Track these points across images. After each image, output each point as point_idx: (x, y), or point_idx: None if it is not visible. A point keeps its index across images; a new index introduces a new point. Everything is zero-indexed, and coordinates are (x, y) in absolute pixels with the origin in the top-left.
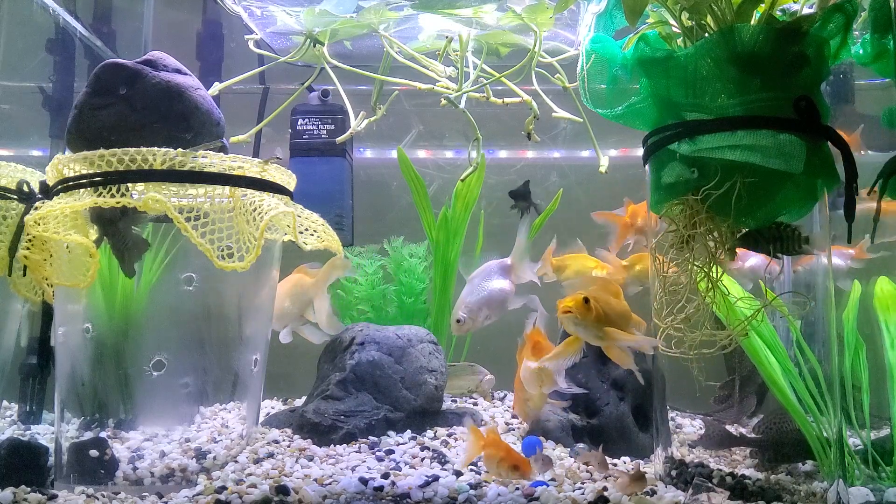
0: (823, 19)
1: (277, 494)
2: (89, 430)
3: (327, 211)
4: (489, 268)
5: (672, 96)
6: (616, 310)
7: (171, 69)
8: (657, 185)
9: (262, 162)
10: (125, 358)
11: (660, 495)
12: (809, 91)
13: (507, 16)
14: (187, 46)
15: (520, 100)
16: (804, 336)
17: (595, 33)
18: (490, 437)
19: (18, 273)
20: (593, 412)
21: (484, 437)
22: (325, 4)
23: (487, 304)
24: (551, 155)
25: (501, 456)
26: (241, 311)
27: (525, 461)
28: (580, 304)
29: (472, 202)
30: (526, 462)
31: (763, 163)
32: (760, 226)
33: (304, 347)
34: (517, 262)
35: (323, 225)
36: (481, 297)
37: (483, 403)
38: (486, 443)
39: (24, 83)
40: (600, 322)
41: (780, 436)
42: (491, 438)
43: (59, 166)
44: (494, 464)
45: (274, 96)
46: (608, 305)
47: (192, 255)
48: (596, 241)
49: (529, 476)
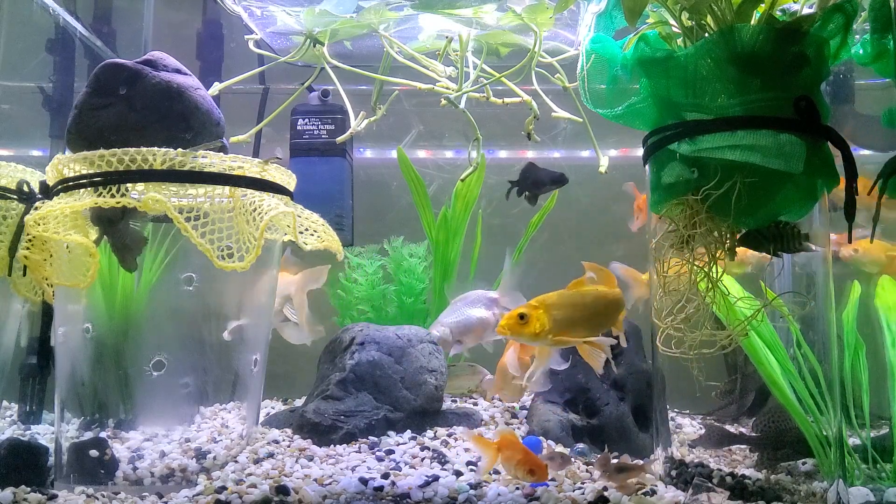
0: (823, 19)
1: (277, 494)
2: (89, 430)
3: (327, 211)
4: (475, 296)
5: (672, 96)
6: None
7: (171, 69)
8: (657, 185)
9: (262, 162)
10: (125, 358)
11: (660, 495)
12: (809, 91)
13: (507, 16)
14: (187, 46)
15: (520, 100)
16: (804, 336)
17: (595, 33)
18: (507, 439)
19: (18, 273)
20: (593, 412)
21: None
22: (325, 4)
23: (463, 330)
24: (551, 155)
25: (519, 458)
26: (241, 311)
27: (542, 465)
28: (513, 321)
29: (471, 202)
30: (543, 466)
31: (763, 163)
32: (760, 226)
33: (304, 347)
34: (503, 297)
35: (323, 225)
36: (458, 321)
37: (483, 403)
38: (504, 444)
39: (24, 83)
40: (542, 333)
41: (779, 434)
42: (508, 440)
43: (59, 166)
44: (512, 466)
45: (274, 96)
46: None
47: (192, 255)
48: (595, 240)
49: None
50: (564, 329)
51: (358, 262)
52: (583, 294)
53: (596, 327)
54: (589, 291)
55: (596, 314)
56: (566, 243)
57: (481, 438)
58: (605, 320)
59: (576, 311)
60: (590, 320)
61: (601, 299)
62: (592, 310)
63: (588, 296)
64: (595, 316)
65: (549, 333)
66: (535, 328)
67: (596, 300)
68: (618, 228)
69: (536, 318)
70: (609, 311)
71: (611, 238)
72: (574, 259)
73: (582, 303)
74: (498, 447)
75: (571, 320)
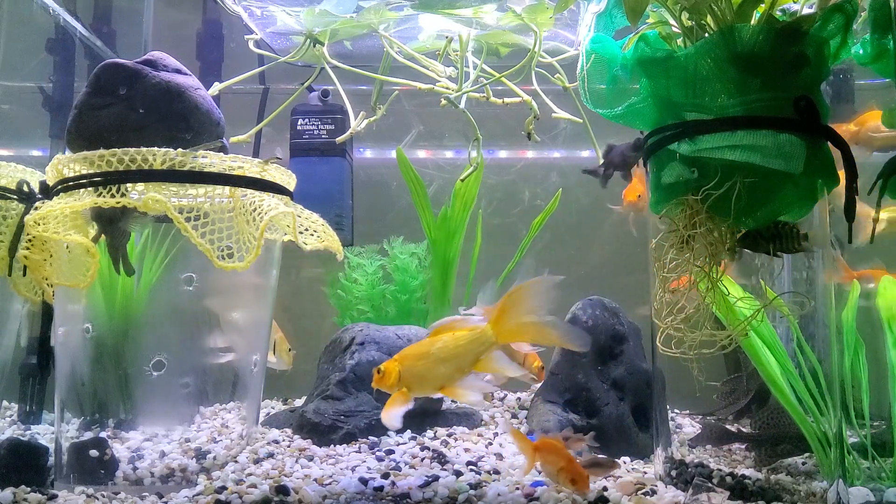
0: (823, 19)
1: (277, 494)
2: (89, 430)
3: (327, 211)
4: None
5: (672, 96)
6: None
7: (171, 69)
8: (657, 185)
9: (262, 162)
10: (125, 358)
11: (660, 495)
12: (809, 91)
13: (507, 16)
14: (187, 46)
15: (520, 100)
16: (804, 335)
17: (595, 33)
18: (549, 443)
19: (18, 273)
20: (593, 412)
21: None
22: (325, 4)
23: None
24: (551, 155)
25: (562, 465)
26: (241, 311)
27: (584, 475)
28: (375, 375)
29: (470, 201)
30: (585, 477)
31: (763, 163)
32: (760, 226)
33: (305, 347)
34: None
35: (323, 225)
36: None
37: (483, 403)
38: (545, 447)
39: (24, 83)
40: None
41: (777, 431)
42: (550, 444)
43: (59, 166)
44: (553, 471)
45: (274, 96)
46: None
47: (192, 255)
48: (595, 240)
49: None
50: (419, 378)
51: (358, 262)
52: (433, 342)
53: (461, 368)
54: (442, 337)
55: (455, 356)
56: (566, 243)
57: (521, 436)
58: (470, 358)
59: (427, 360)
60: (450, 362)
61: (458, 341)
62: (451, 353)
63: (439, 342)
64: (454, 358)
65: (402, 385)
66: (390, 382)
67: (450, 344)
68: (618, 228)
69: (390, 373)
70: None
71: (611, 238)
72: (574, 259)
73: (431, 351)
74: (536, 448)
75: (425, 369)
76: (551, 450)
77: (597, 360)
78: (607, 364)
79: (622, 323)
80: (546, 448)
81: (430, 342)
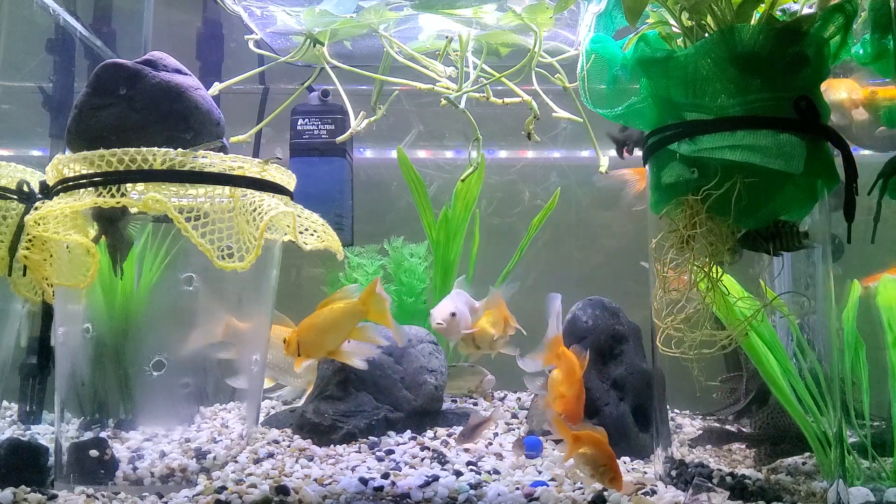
0: (823, 19)
1: (277, 494)
2: (89, 430)
3: (327, 211)
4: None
5: (672, 96)
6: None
7: (171, 69)
8: (657, 185)
9: (262, 162)
10: (125, 358)
11: (660, 495)
12: (809, 91)
13: (507, 16)
14: (187, 46)
15: (520, 100)
16: (803, 335)
17: (595, 33)
18: (594, 437)
19: (18, 273)
20: (593, 412)
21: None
22: (325, 4)
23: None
24: (551, 155)
25: (604, 462)
26: (241, 311)
27: (621, 478)
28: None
29: (471, 202)
30: (622, 479)
31: (763, 163)
32: (760, 226)
33: None
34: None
35: (323, 225)
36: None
37: (483, 403)
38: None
39: (24, 83)
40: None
41: (776, 430)
42: (594, 438)
43: (59, 166)
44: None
45: (274, 96)
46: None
47: (192, 255)
48: (594, 240)
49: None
50: (312, 344)
51: (358, 262)
52: (319, 314)
53: (341, 335)
54: (324, 310)
55: (335, 326)
56: (565, 243)
57: (563, 424)
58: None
59: (315, 330)
60: (332, 331)
61: (335, 313)
62: (331, 323)
63: (323, 314)
64: (334, 327)
65: (301, 352)
66: (292, 349)
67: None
68: (618, 228)
69: (290, 342)
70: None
71: (610, 238)
72: (574, 259)
73: (317, 322)
74: (577, 437)
75: (316, 337)
76: (594, 443)
77: (597, 360)
78: (607, 364)
79: (622, 323)
80: (588, 440)
81: (318, 314)
